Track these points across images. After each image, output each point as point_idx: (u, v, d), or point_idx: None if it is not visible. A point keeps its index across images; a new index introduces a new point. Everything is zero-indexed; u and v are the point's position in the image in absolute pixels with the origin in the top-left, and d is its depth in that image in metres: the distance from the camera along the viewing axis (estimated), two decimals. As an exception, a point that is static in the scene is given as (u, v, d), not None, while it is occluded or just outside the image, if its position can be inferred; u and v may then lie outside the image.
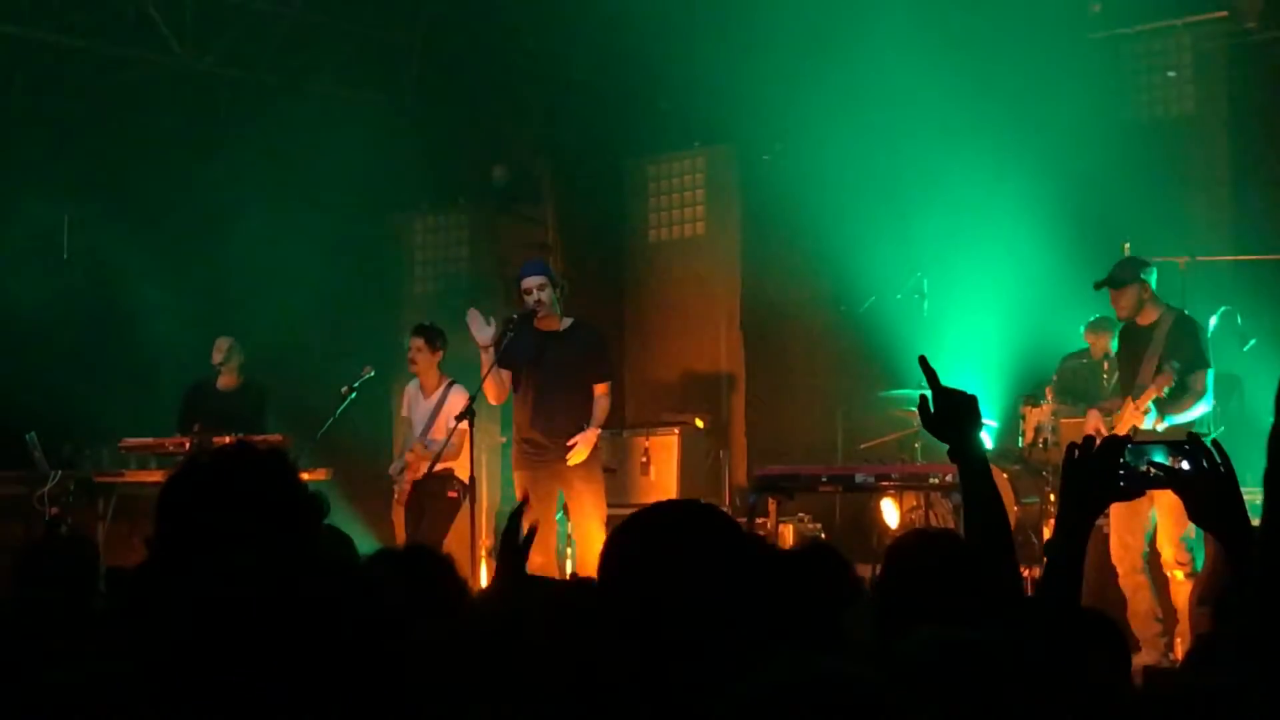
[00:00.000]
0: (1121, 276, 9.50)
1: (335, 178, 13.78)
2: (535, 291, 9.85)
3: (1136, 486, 3.25)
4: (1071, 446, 3.25)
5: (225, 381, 11.82)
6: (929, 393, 3.50)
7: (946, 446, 3.38)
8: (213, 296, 13.26)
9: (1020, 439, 11.49)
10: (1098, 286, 9.66)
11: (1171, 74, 12.57)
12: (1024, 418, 11.37)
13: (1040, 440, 11.19)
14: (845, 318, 12.02)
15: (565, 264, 14.34)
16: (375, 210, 14.65)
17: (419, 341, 11.10)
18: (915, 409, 11.25)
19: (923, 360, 3.57)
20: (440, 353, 11.12)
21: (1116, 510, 9.04)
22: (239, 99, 14.37)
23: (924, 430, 3.53)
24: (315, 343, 13.49)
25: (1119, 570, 9.33)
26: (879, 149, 12.69)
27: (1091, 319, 11.37)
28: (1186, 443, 3.22)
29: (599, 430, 9.87)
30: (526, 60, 14.36)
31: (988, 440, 11.92)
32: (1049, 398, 11.19)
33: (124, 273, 13.04)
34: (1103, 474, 3.19)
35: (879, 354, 12.21)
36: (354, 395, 10.92)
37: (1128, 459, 3.23)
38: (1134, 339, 9.55)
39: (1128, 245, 11.16)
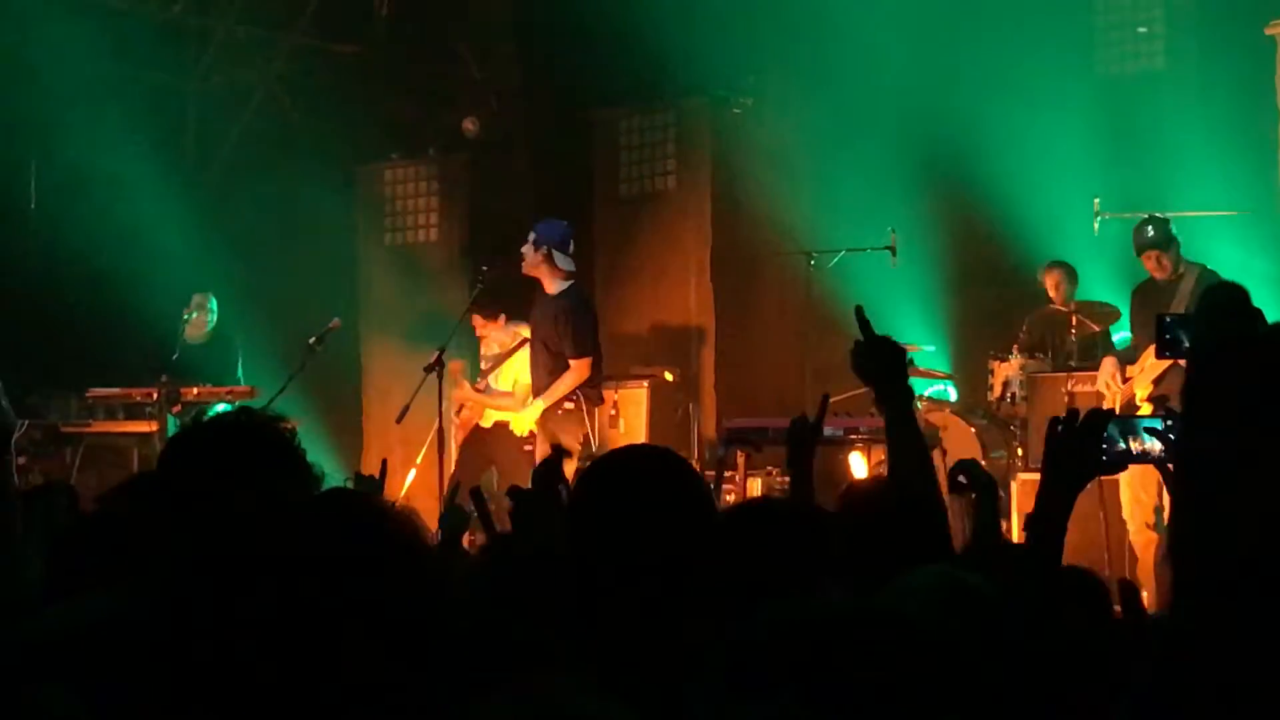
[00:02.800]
0: (1163, 237, 9.54)
1: (305, 127, 13.72)
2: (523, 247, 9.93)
3: (1120, 461, 3.21)
4: (1054, 421, 3.22)
5: (193, 332, 11.79)
6: (862, 340, 3.51)
7: (918, 405, 3.39)
8: (178, 246, 13.18)
9: (988, 393, 11.53)
10: (1142, 250, 9.64)
11: (1142, 30, 12.57)
12: (992, 372, 11.40)
13: (1008, 395, 11.22)
14: (815, 271, 12.02)
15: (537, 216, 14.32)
16: (344, 161, 14.58)
17: (476, 318, 11.11)
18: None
19: (859, 310, 3.61)
20: (499, 318, 11.07)
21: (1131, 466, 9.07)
22: (206, 48, 14.28)
23: (854, 372, 3.57)
24: (283, 293, 13.44)
25: (1130, 526, 9.38)
26: (850, 103, 12.68)
27: (1042, 265, 11.46)
28: (1170, 417, 3.19)
29: (545, 404, 9.92)
30: (498, 11, 14.29)
31: (951, 393, 11.97)
32: (1016, 353, 11.23)
33: (89, 223, 12.96)
34: (1086, 449, 3.16)
35: (849, 308, 12.20)
36: (321, 347, 10.90)
37: (1112, 434, 3.19)
38: (1154, 293, 9.56)
39: (1098, 201, 11.21)
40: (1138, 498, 9.20)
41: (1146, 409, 9.41)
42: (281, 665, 1.89)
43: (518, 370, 10.76)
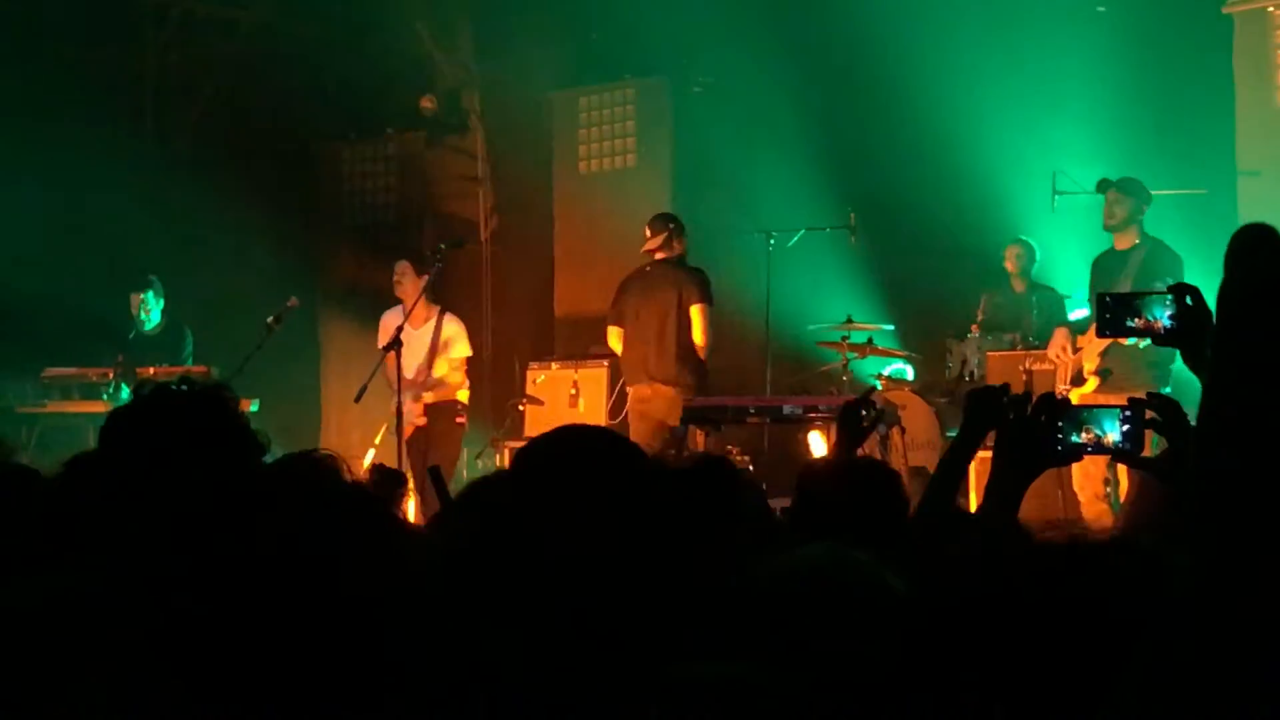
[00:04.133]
0: (1130, 185, 9.60)
1: (264, 106, 13.65)
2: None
3: (1075, 453, 3.20)
4: (1005, 406, 3.21)
5: (146, 325, 11.78)
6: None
7: (878, 384, 3.41)
8: (136, 226, 13.10)
9: (947, 372, 11.56)
10: (1101, 187, 9.75)
11: (1101, 9, 12.59)
12: (950, 351, 11.44)
13: (966, 373, 11.26)
14: (775, 250, 12.01)
15: (495, 196, 14.28)
16: (303, 140, 14.52)
17: (404, 265, 10.90)
18: (841, 340, 11.30)
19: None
20: (425, 277, 10.80)
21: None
22: (165, 27, 14.19)
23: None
24: (241, 272, 13.38)
25: (1081, 499, 9.45)
26: (810, 82, 12.67)
27: (1009, 241, 11.53)
28: (1128, 408, 3.18)
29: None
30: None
31: (910, 373, 11.99)
32: (974, 331, 11.27)
33: (43, 205, 12.86)
34: (1040, 437, 3.14)
35: (808, 287, 12.23)
36: (280, 326, 10.85)
37: (1065, 424, 3.17)
38: (1109, 264, 9.62)
39: (1056, 177, 11.24)
40: (1086, 471, 9.28)
41: (1093, 382, 9.48)
42: (251, 637, 1.88)
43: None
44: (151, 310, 11.72)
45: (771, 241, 11.97)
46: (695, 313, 10.58)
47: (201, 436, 2.91)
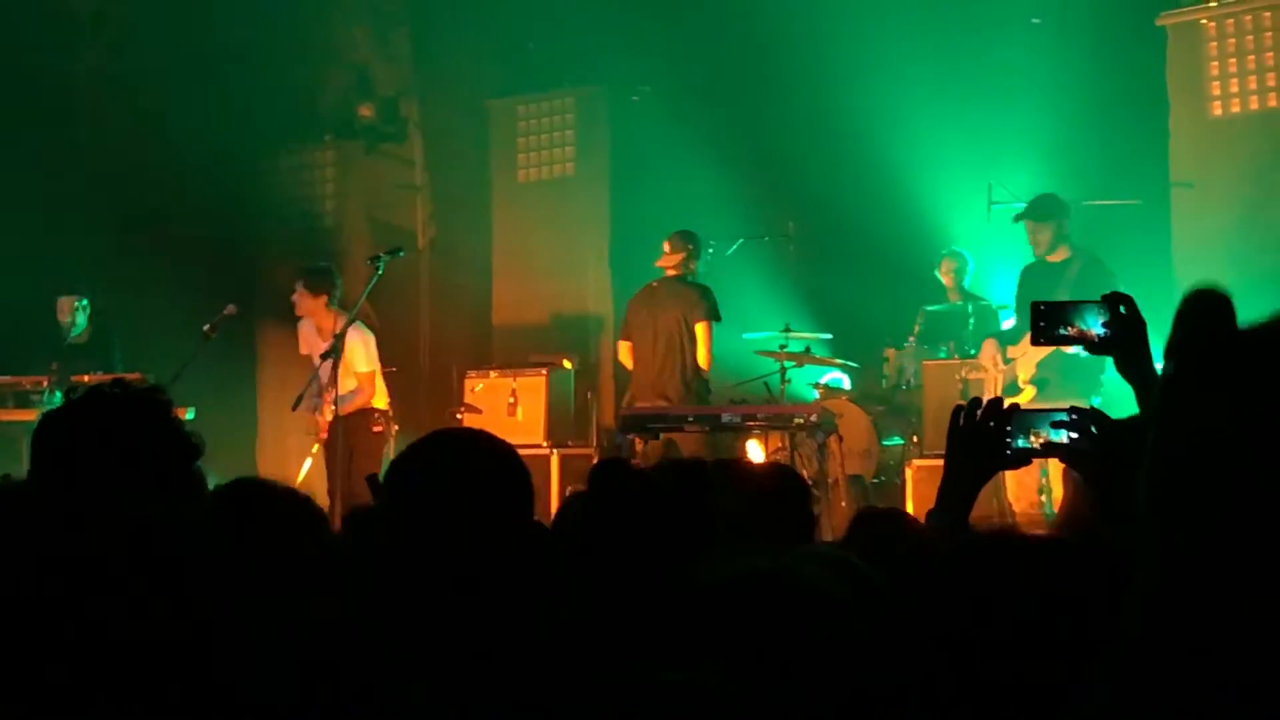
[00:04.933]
0: (1044, 210, 9.64)
1: (201, 114, 13.57)
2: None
3: (1024, 457, 3.23)
4: (956, 411, 3.24)
5: (74, 335, 11.73)
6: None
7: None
8: (73, 233, 13.01)
9: (884, 381, 11.62)
10: (1017, 219, 9.84)
11: (1036, 21, 12.68)
12: (887, 360, 11.51)
13: (903, 382, 11.33)
14: (714, 259, 12.04)
15: (433, 204, 14.26)
16: (240, 147, 14.44)
17: (297, 286, 10.92)
18: (779, 348, 11.34)
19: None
20: (324, 294, 10.81)
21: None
22: (101, 34, 14.10)
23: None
24: (178, 281, 13.29)
25: (1015, 509, 9.50)
26: (748, 92, 12.72)
27: (944, 253, 11.59)
28: (1072, 412, 3.21)
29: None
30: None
31: (847, 382, 12.04)
32: (912, 343, 11.33)
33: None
34: (989, 443, 3.17)
35: (747, 296, 12.26)
36: (216, 334, 10.80)
37: (1012, 431, 3.20)
38: (1041, 276, 9.66)
39: (991, 188, 11.32)
40: (1021, 480, 9.33)
41: (1029, 392, 9.54)
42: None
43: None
44: (79, 316, 11.65)
45: (710, 250, 11.99)
46: (700, 330, 10.63)
47: (135, 438, 2.89)
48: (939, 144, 11.90)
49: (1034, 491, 9.38)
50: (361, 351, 10.80)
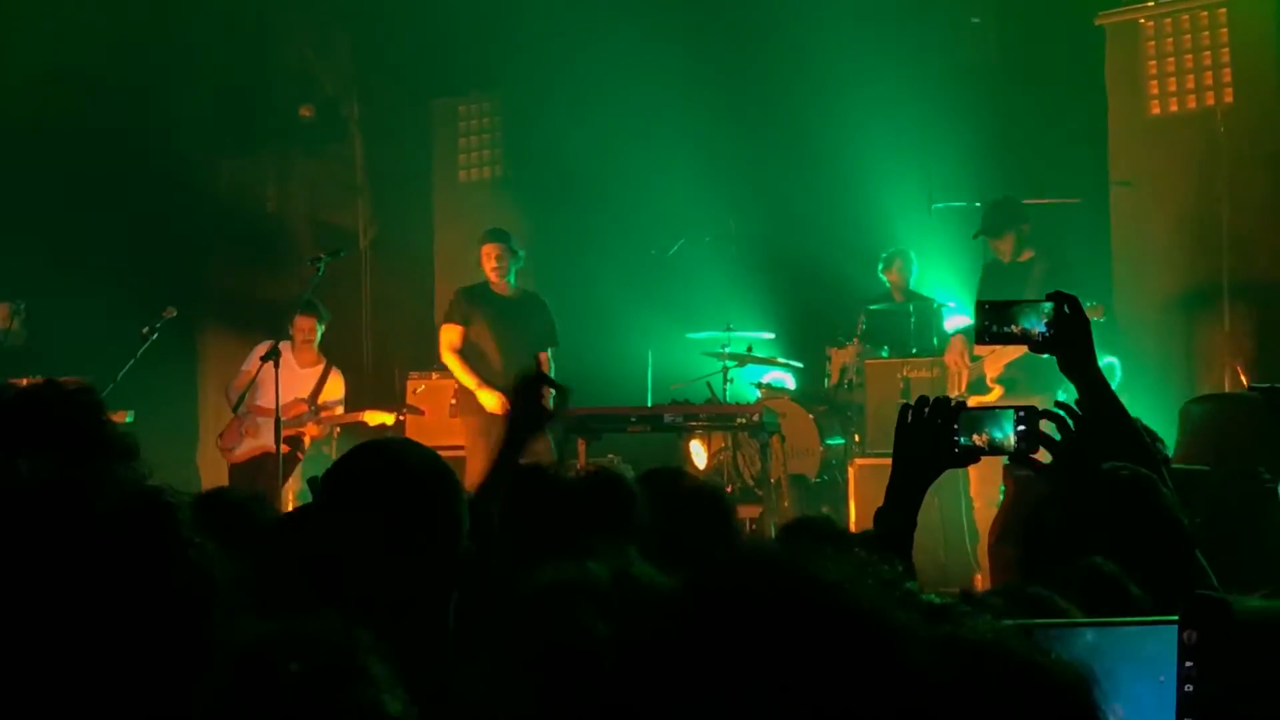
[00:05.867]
0: (998, 224, 9.70)
1: (141, 115, 13.48)
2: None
3: (972, 455, 3.24)
4: (904, 410, 3.24)
5: (10, 341, 11.66)
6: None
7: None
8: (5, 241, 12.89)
9: (826, 380, 11.64)
10: (975, 236, 9.89)
11: (975, 20, 12.75)
12: (829, 359, 11.52)
13: (845, 381, 11.35)
14: (656, 259, 12.05)
15: (374, 205, 14.20)
16: (180, 149, 14.34)
17: (307, 323, 11.07)
18: (721, 348, 11.35)
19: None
20: (322, 326, 11.17)
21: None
22: (38, 36, 13.97)
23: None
24: (117, 285, 13.19)
25: (976, 504, 9.53)
26: (689, 93, 12.71)
27: (882, 256, 11.60)
28: (1022, 409, 3.23)
29: None
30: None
31: (791, 382, 12.05)
32: (855, 343, 11.34)
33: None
34: (936, 441, 3.17)
35: (688, 295, 12.27)
36: (155, 336, 10.73)
37: (961, 427, 3.21)
38: (1003, 275, 9.70)
39: (932, 190, 11.37)
40: (983, 474, 9.35)
41: (997, 391, 9.58)
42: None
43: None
44: (15, 321, 11.58)
45: (652, 251, 12.01)
46: None
47: (65, 439, 2.86)
48: (880, 143, 11.92)
49: (995, 487, 9.40)
50: (342, 390, 11.25)
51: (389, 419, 11.16)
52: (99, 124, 13.47)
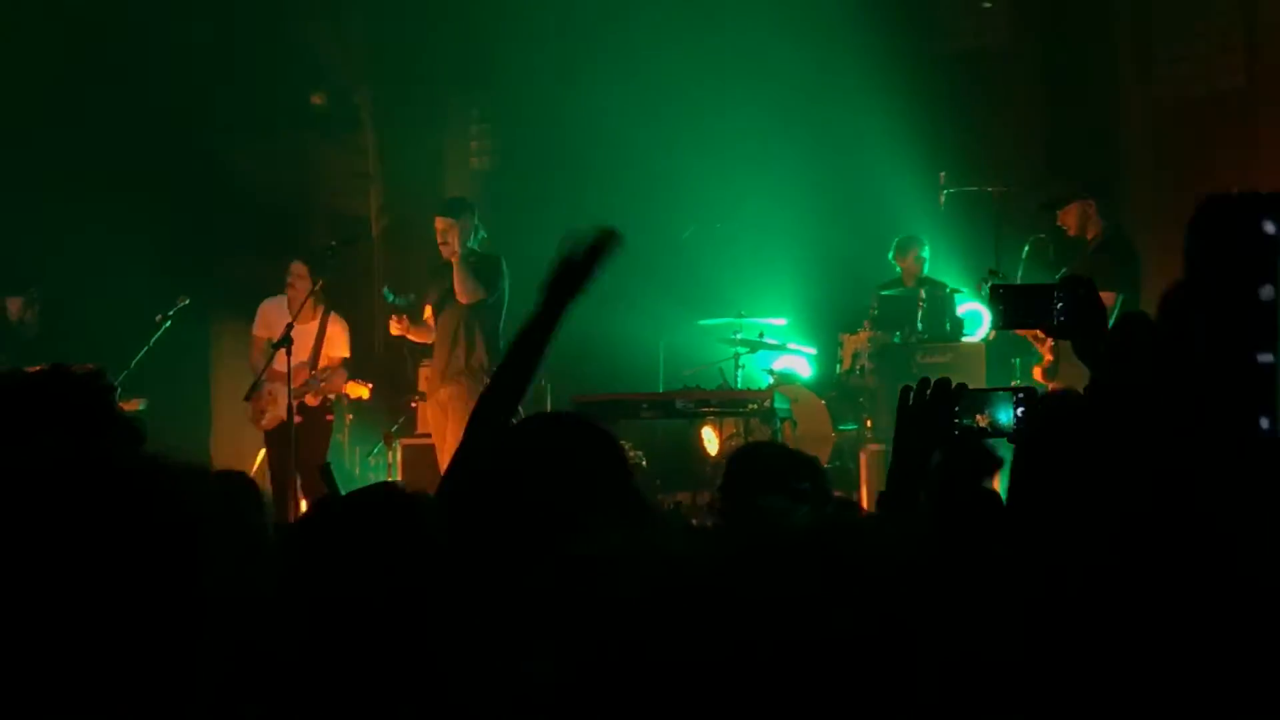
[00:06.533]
0: (1062, 195, 9.67)
1: (155, 103, 13.49)
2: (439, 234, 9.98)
3: (972, 436, 3.25)
4: (905, 391, 3.25)
5: (26, 333, 11.69)
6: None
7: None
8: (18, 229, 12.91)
9: (838, 366, 11.65)
10: (1042, 208, 9.83)
11: (987, 5, 12.73)
12: (841, 345, 11.53)
13: (858, 367, 11.36)
14: (668, 245, 12.05)
15: (386, 193, 14.22)
16: (192, 137, 14.36)
17: (300, 266, 10.77)
18: (736, 337, 11.36)
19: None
20: (320, 281, 10.72)
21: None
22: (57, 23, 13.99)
23: None
24: (130, 273, 13.22)
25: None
26: (699, 77, 12.71)
27: (896, 240, 11.59)
28: (1021, 391, 3.24)
29: None
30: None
31: (804, 367, 12.06)
32: (867, 328, 11.35)
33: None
34: (938, 420, 3.19)
35: (700, 281, 12.28)
36: (169, 324, 10.76)
37: (961, 409, 3.22)
38: (1060, 248, 9.69)
39: (944, 175, 11.35)
40: None
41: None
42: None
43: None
44: (30, 313, 11.60)
45: (687, 236, 12.03)
46: None
47: (65, 419, 2.87)
48: (891, 127, 11.91)
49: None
50: (344, 338, 10.89)
51: (365, 392, 11.01)
52: (111, 112, 13.48)
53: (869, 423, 11.11)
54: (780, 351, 11.88)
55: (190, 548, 1.93)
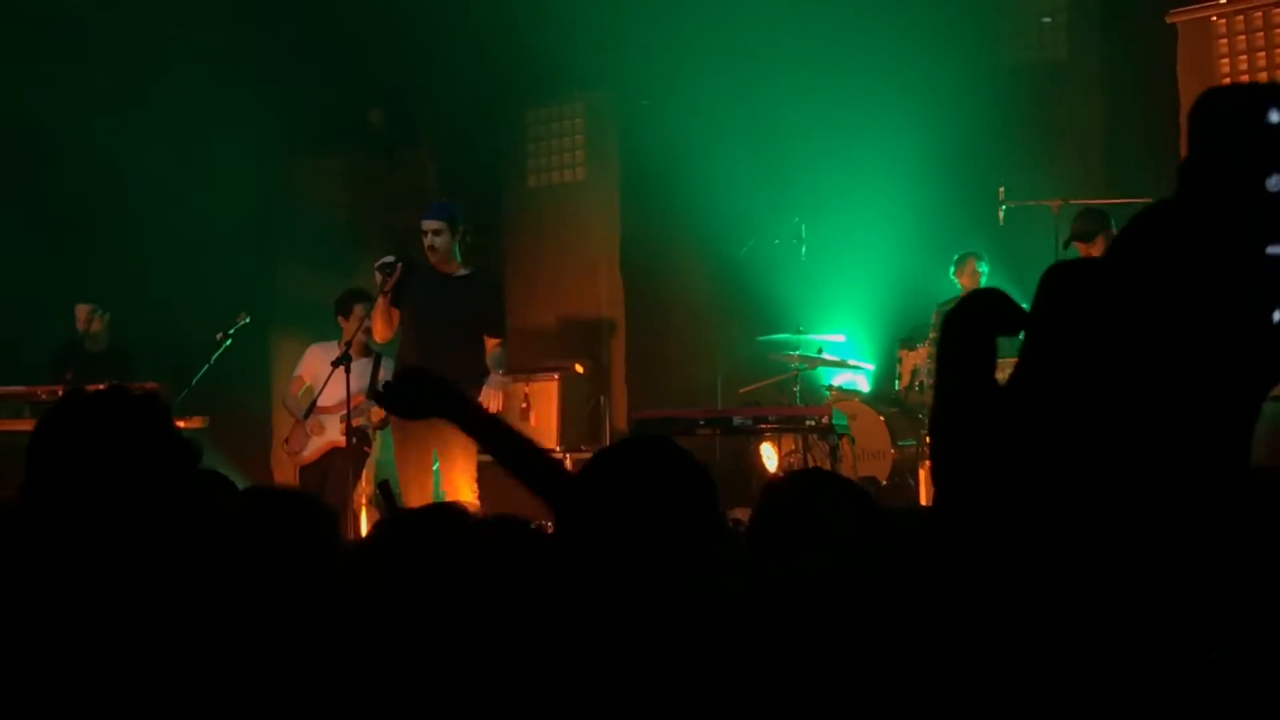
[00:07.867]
0: (1087, 230, 9.67)
1: (214, 122, 13.58)
2: (431, 235, 9.75)
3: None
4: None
5: (93, 345, 11.74)
6: None
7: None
8: (82, 243, 13.01)
9: (896, 382, 11.61)
10: (1066, 245, 9.86)
11: (1047, 19, 12.69)
12: (900, 361, 11.49)
13: (916, 383, 11.32)
14: (725, 262, 12.04)
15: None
16: (253, 155, 14.44)
17: (361, 309, 10.68)
18: (794, 353, 11.34)
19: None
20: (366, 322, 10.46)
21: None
22: (109, 43, 14.09)
23: None
24: (191, 289, 13.31)
25: None
26: (758, 94, 12.72)
27: (955, 257, 11.54)
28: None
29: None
30: (404, 4, 14.22)
31: (864, 383, 12.02)
32: (927, 344, 11.31)
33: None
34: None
35: (758, 298, 12.27)
36: (229, 342, 10.82)
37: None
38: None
39: (1003, 189, 11.29)
40: None
41: None
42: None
43: None
44: (98, 325, 11.67)
45: (743, 252, 12.02)
46: None
47: (123, 440, 2.88)
48: (951, 142, 11.87)
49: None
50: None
51: None
52: (171, 133, 13.58)
53: (928, 439, 11.05)
54: (839, 368, 11.85)
55: (243, 566, 1.93)
